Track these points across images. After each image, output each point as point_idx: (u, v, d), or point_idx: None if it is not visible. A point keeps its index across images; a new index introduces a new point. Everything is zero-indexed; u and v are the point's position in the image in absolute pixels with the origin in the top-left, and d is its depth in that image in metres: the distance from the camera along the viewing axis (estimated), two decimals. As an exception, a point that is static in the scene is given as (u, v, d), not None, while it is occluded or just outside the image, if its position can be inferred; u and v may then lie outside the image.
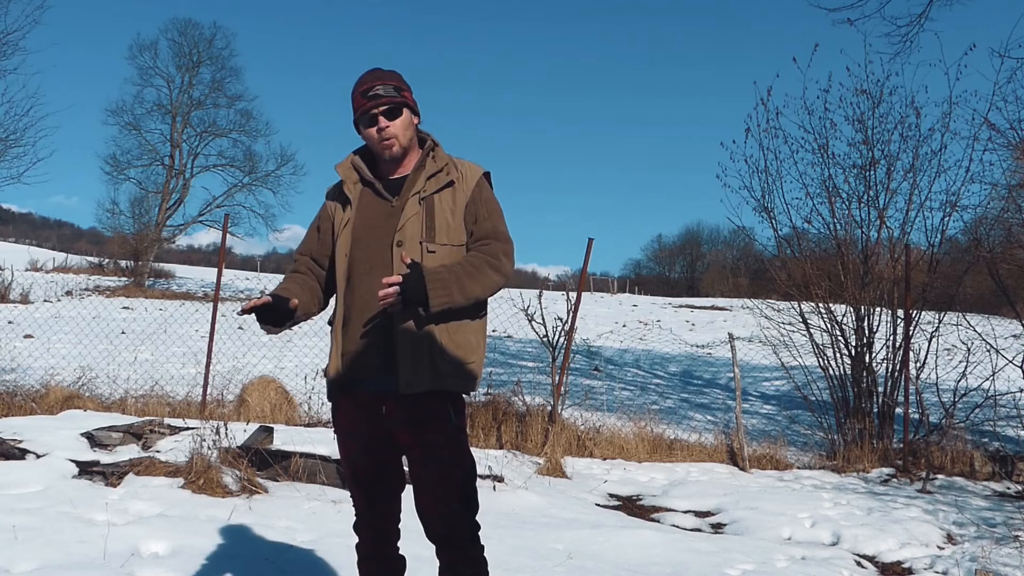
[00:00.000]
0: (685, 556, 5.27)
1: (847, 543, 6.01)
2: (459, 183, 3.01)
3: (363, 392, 2.93)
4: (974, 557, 5.60)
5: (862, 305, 9.30)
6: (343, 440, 3.05)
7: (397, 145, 2.97)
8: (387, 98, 2.93)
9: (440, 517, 2.95)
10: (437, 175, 2.99)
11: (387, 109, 2.94)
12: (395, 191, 3.00)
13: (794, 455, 9.00)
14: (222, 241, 9.94)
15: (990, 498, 7.46)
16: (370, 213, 2.99)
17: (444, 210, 2.96)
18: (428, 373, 2.85)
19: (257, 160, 40.75)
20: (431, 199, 2.96)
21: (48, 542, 4.40)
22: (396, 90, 2.96)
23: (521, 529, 5.53)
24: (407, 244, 2.90)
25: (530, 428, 8.48)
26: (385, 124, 2.93)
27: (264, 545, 4.73)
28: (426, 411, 2.89)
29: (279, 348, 14.40)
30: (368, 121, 2.96)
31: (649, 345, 18.67)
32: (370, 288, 2.87)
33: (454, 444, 2.95)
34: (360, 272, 2.95)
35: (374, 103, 2.93)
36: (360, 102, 2.95)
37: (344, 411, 3.01)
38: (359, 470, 3.02)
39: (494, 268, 2.94)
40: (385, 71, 3.02)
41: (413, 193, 2.96)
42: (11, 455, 5.96)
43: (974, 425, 9.01)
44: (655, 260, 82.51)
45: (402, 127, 2.97)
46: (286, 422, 8.18)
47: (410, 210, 2.94)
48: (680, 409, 11.78)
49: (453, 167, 3.03)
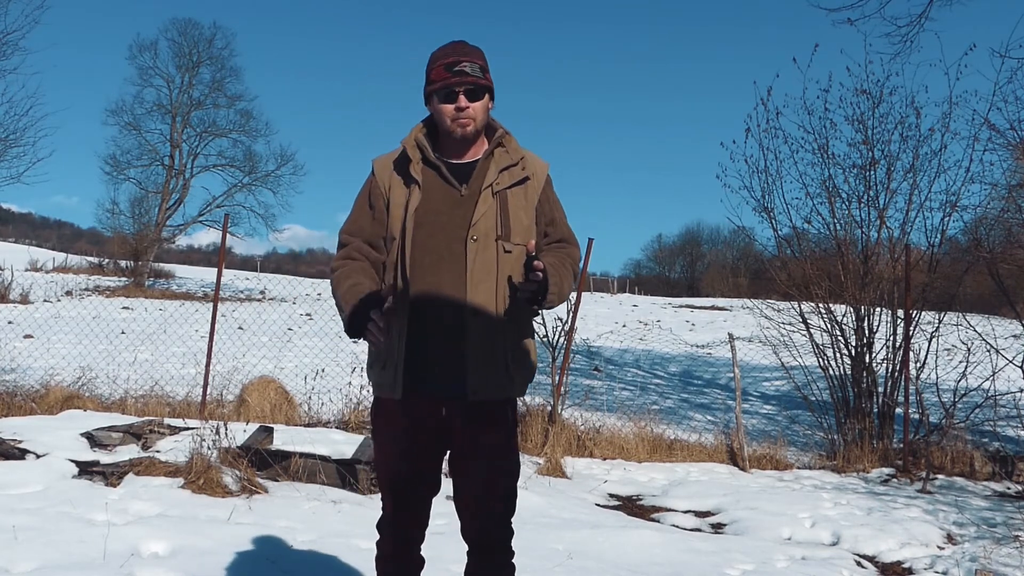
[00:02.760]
0: (685, 556, 5.26)
1: (847, 543, 6.01)
2: (532, 179, 2.88)
3: (422, 393, 2.76)
4: (974, 557, 5.60)
5: (862, 305, 9.29)
6: (382, 443, 2.92)
7: (473, 126, 2.79)
8: (473, 77, 2.75)
9: (482, 518, 2.88)
10: (511, 168, 2.84)
11: (472, 89, 2.76)
12: (463, 178, 2.81)
13: (794, 455, 8.99)
14: (222, 241, 9.93)
15: (990, 498, 7.46)
16: (435, 198, 2.79)
17: (518, 208, 2.81)
18: (500, 379, 2.75)
19: (257, 160, 40.75)
20: (504, 194, 2.80)
21: (48, 542, 4.39)
22: (482, 71, 2.78)
23: (521, 529, 5.39)
24: (481, 240, 2.73)
25: (530, 428, 8.47)
26: (466, 104, 2.75)
27: (264, 545, 4.72)
28: (489, 415, 2.79)
29: (279, 348, 14.40)
30: (447, 97, 2.76)
31: (649, 345, 18.65)
32: (437, 281, 2.72)
33: (508, 448, 2.87)
34: (425, 263, 2.74)
35: (459, 79, 2.73)
36: (442, 75, 2.75)
37: (389, 415, 2.85)
38: (394, 476, 2.90)
39: (574, 274, 2.90)
40: (471, 47, 2.83)
41: (486, 186, 2.79)
42: (11, 455, 5.95)
43: (974, 425, 8.99)
44: (655, 260, 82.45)
45: (481, 110, 2.80)
46: (286, 422, 8.16)
47: (484, 204, 2.76)
48: (680, 409, 11.77)
49: (527, 162, 2.89)
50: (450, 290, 2.71)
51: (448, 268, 2.72)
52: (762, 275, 11.32)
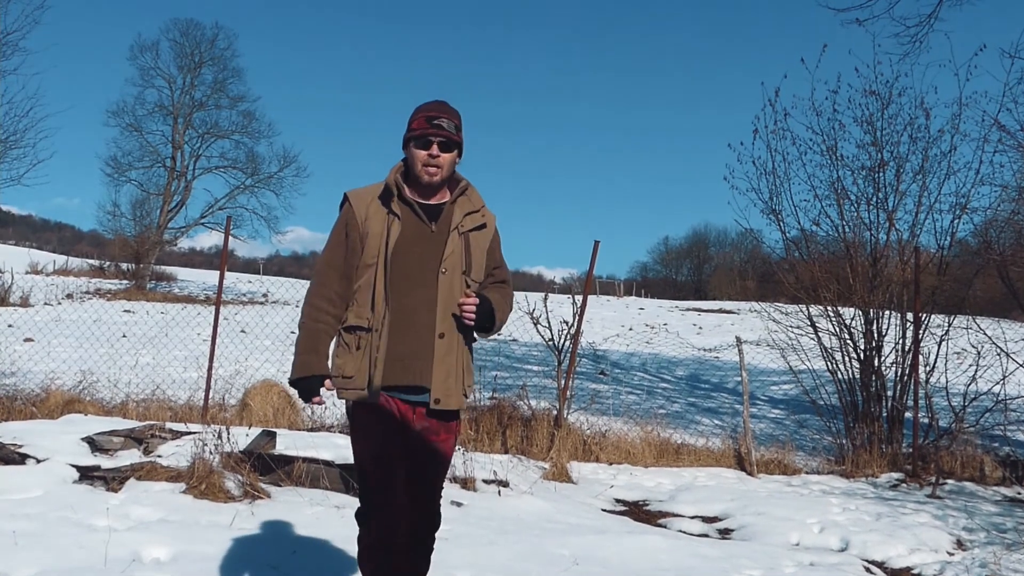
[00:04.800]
0: (692, 562, 5.25)
1: (856, 549, 6.00)
2: (487, 227, 3.38)
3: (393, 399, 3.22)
4: (984, 563, 5.59)
5: (871, 308, 9.27)
6: (363, 432, 3.27)
7: (440, 175, 3.24)
8: (447, 132, 3.22)
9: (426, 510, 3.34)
10: (473, 215, 3.34)
11: (444, 142, 3.22)
12: (433, 216, 3.28)
13: (802, 460, 8.96)
14: (224, 243, 9.91)
15: (1000, 503, 7.45)
16: (410, 232, 3.24)
17: (478, 249, 3.33)
18: (456, 392, 3.25)
19: (260, 162, 40.42)
20: (467, 236, 3.30)
21: (48, 548, 4.39)
22: (456, 129, 3.26)
23: (526, 535, 5.50)
24: (449, 273, 3.22)
25: (535, 433, 8.42)
26: (437, 153, 3.21)
27: (267, 551, 4.71)
28: (444, 423, 3.30)
29: (282, 352, 14.34)
30: (423, 144, 3.22)
31: (656, 349, 18.58)
32: (411, 304, 3.18)
33: (452, 449, 3.41)
34: (401, 288, 3.20)
35: (435, 131, 3.21)
36: (422, 125, 3.22)
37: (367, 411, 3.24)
38: (376, 453, 3.23)
39: (510, 308, 3.43)
40: (451, 108, 3.32)
41: (454, 227, 3.27)
42: (11, 460, 5.92)
43: (984, 430, 8.97)
44: (662, 263, 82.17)
45: (449, 162, 3.26)
46: (289, 426, 8.15)
47: (452, 242, 3.25)
48: (687, 413, 11.73)
49: (485, 212, 3.39)
50: (423, 313, 3.19)
51: (421, 294, 3.20)
52: (770, 278, 11.28)
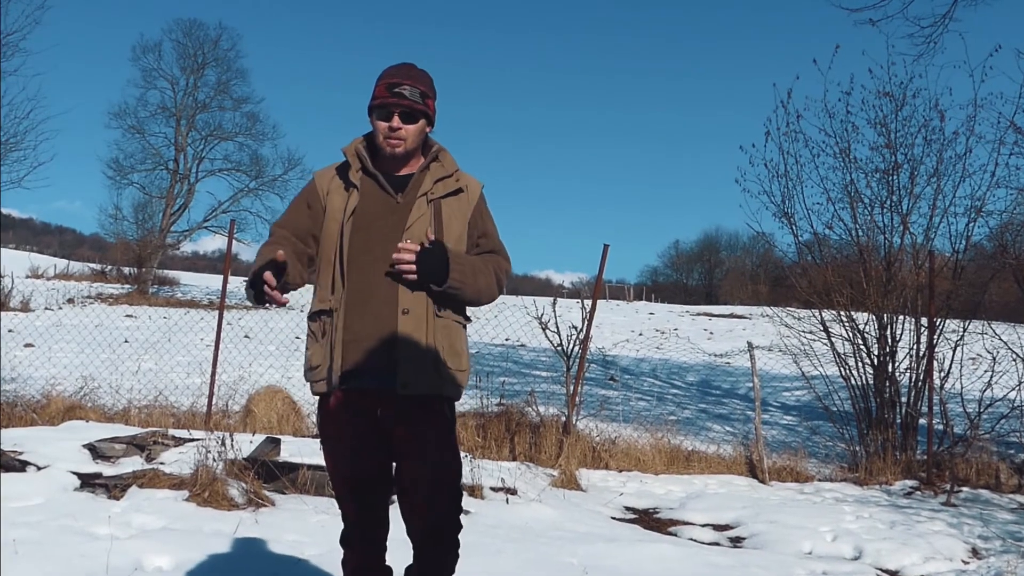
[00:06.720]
0: (703, 571, 5.21)
1: (869, 557, 5.95)
2: (466, 192, 3.02)
3: (356, 389, 2.85)
4: (1000, 572, 5.54)
5: (885, 313, 9.20)
6: (333, 448, 2.97)
7: (403, 147, 2.93)
8: (410, 101, 2.89)
9: (429, 517, 2.94)
10: (445, 180, 2.99)
11: (406, 112, 2.90)
12: (399, 187, 2.96)
13: (815, 467, 8.90)
14: (228, 247, 9.88)
15: (1016, 511, 7.38)
16: (372, 204, 2.93)
17: (451, 216, 2.96)
18: (429, 376, 2.84)
19: (264, 164, 40.47)
20: (439, 203, 2.95)
21: (49, 556, 4.36)
22: (422, 96, 2.92)
23: (535, 543, 5.46)
24: (414, 244, 2.86)
25: (544, 439, 8.38)
26: (398, 125, 2.89)
27: (271, 559, 4.68)
28: (422, 408, 2.87)
29: (286, 357, 14.33)
30: (384, 115, 2.91)
31: (666, 354, 18.54)
32: (371, 280, 2.85)
33: (447, 442, 2.95)
34: (361, 263, 2.87)
35: (396, 100, 2.88)
36: (383, 93, 2.90)
37: (330, 414, 2.93)
38: (352, 476, 2.95)
39: (498, 279, 3.01)
40: (418, 70, 2.98)
41: (421, 194, 2.94)
42: (11, 467, 5.93)
43: (1000, 436, 8.89)
44: (672, 267, 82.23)
45: (414, 132, 2.93)
46: (293, 433, 8.17)
47: (418, 210, 2.91)
48: (698, 420, 11.67)
49: (461, 175, 3.04)
50: (385, 289, 2.83)
51: (381, 268, 2.84)
52: (782, 282, 11.26)
